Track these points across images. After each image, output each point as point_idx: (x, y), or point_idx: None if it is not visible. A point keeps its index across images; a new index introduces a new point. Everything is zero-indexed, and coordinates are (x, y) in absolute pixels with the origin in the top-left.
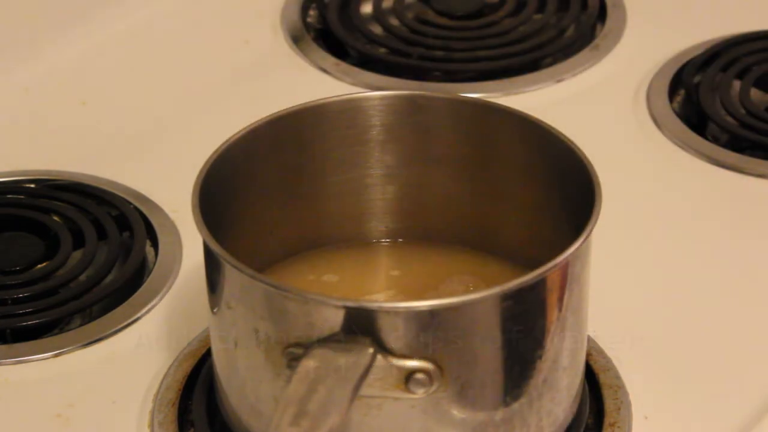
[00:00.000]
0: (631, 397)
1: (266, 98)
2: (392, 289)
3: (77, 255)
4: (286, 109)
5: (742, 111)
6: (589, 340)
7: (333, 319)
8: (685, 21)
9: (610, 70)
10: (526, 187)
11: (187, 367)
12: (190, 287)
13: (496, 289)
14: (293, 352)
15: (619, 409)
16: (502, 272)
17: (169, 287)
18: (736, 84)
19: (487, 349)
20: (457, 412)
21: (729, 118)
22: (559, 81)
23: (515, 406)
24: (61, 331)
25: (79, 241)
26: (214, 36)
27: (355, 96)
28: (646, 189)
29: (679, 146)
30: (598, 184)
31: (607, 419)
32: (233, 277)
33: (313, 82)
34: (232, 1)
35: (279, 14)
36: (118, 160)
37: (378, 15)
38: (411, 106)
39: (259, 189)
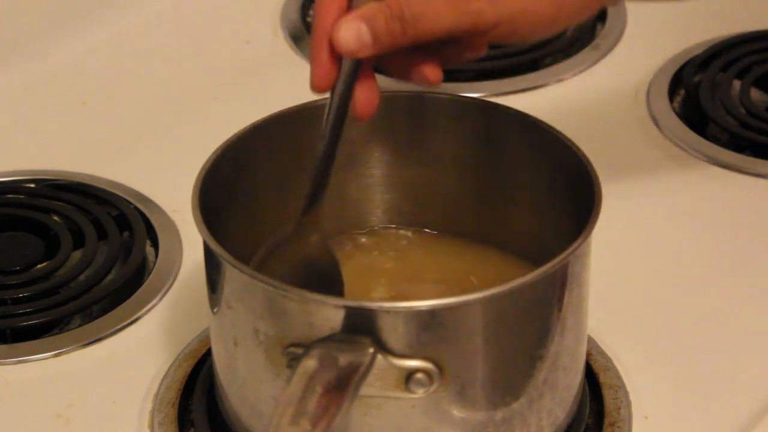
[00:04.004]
0: (631, 397)
1: (266, 98)
2: (392, 288)
3: (77, 255)
4: (286, 109)
5: (742, 111)
6: (589, 340)
7: (333, 319)
8: (685, 21)
9: (610, 70)
10: (526, 187)
11: (187, 367)
12: (190, 287)
13: (496, 289)
14: (293, 352)
15: (619, 409)
16: (501, 272)
17: (169, 287)
18: (736, 84)
19: (487, 349)
20: (457, 412)
21: (729, 118)
22: (559, 81)
23: (515, 406)
24: (61, 331)
25: (79, 241)
26: (214, 36)
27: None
28: (646, 189)
29: (679, 146)
30: (598, 184)
31: (607, 419)
32: (233, 277)
33: None
34: (232, 1)
35: (279, 14)
36: (118, 160)
37: None
38: (411, 106)
39: (259, 189)
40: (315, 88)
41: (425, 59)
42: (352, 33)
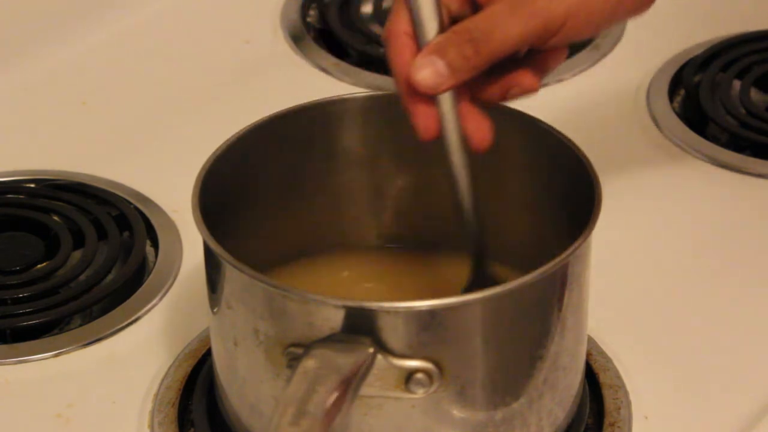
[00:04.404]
0: (631, 397)
1: (266, 98)
2: (392, 288)
3: (77, 255)
4: (286, 109)
5: (742, 111)
6: (589, 340)
7: (333, 319)
8: (685, 21)
9: (610, 70)
10: (526, 187)
11: (187, 367)
12: (190, 287)
13: (496, 289)
14: (293, 352)
15: (619, 409)
16: (502, 272)
17: (169, 287)
18: (736, 84)
19: (487, 349)
20: (457, 412)
21: (729, 118)
22: (559, 81)
23: (515, 406)
24: (61, 331)
25: (79, 241)
26: (214, 36)
27: (355, 96)
28: (646, 189)
29: (679, 146)
30: (598, 184)
31: (607, 419)
32: (233, 277)
33: (313, 82)
34: (232, 1)
35: (279, 14)
36: (118, 160)
37: (378, 15)
38: None
39: (259, 189)
40: (425, 138)
41: (517, 73)
42: (428, 70)
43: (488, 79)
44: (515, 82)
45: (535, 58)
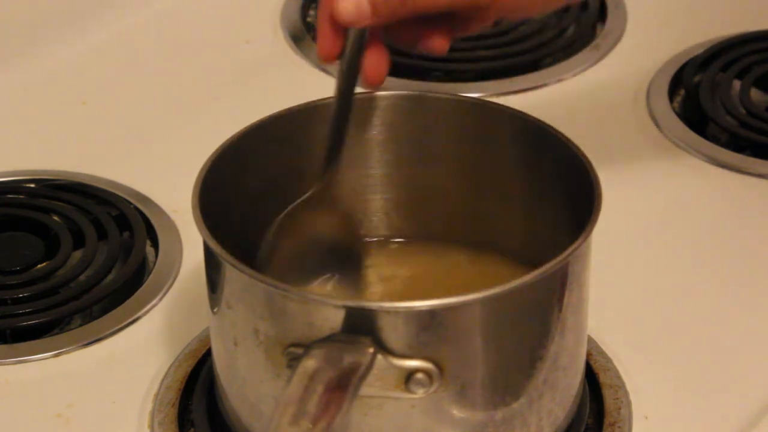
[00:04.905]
0: (631, 397)
1: (266, 98)
2: (391, 288)
3: (77, 255)
4: (286, 109)
5: (742, 111)
6: (589, 340)
7: (333, 319)
8: (685, 21)
9: (610, 70)
10: (526, 187)
11: (187, 367)
12: (190, 287)
13: (496, 289)
14: (293, 352)
15: (619, 409)
16: (502, 272)
17: (169, 287)
18: (736, 84)
19: (487, 349)
20: (457, 412)
21: (729, 118)
22: (559, 81)
23: (515, 406)
24: (61, 331)
25: (79, 241)
26: (214, 36)
27: (355, 96)
28: (646, 189)
29: (679, 146)
30: (598, 184)
31: (607, 419)
32: (233, 277)
33: (313, 82)
34: (232, 1)
35: (279, 14)
36: (118, 160)
37: None
38: (411, 106)
39: (260, 188)
40: (321, 58)
41: (433, 30)
42: (352, 4)
43: (404, 25)
44: (425, 40)
45: (458, 18)
